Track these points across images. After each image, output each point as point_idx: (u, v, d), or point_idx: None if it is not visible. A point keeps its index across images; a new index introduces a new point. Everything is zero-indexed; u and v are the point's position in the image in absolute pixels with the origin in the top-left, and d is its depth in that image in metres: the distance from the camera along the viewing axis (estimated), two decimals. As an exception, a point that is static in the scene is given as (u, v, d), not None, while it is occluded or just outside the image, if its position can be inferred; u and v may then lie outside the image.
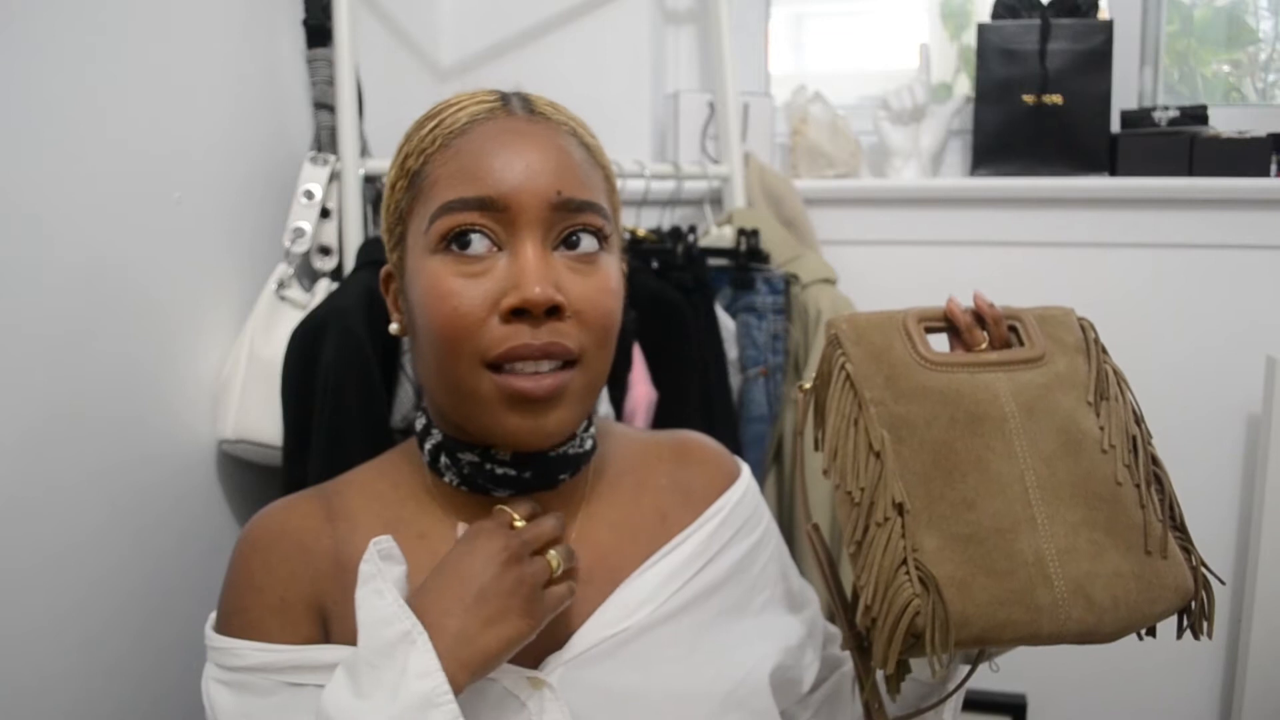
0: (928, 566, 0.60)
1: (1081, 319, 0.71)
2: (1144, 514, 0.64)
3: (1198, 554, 0.65)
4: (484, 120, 0.67)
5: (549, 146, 0.67)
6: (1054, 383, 0.67)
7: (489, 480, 0.70)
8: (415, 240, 0.67)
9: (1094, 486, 0.64)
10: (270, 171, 1.20)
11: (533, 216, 0.64)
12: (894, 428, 0.64)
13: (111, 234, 0.96)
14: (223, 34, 1.13)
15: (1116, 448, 0.65)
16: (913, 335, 0.67)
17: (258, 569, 0.69)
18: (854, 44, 1.90)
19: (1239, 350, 1.46)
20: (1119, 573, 0.61)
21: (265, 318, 1.13)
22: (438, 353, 0.65)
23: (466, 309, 0.63)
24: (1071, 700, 1.58)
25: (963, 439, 0.64)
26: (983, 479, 0.62)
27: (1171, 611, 0.64)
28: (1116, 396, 0.68)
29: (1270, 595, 1.38)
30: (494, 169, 0.64)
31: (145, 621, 1.00)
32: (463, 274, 0.64)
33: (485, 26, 1.64)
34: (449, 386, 0.66)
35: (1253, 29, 1.68)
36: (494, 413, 0.65)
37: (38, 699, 0.87)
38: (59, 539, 0.90)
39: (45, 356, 0.88)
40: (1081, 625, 0.60)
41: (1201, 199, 1.45)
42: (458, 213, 0.63)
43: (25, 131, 0.85)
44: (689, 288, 1.32)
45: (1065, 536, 0.62)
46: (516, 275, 0.63)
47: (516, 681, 0.65)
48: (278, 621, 0.67)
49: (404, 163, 0.68)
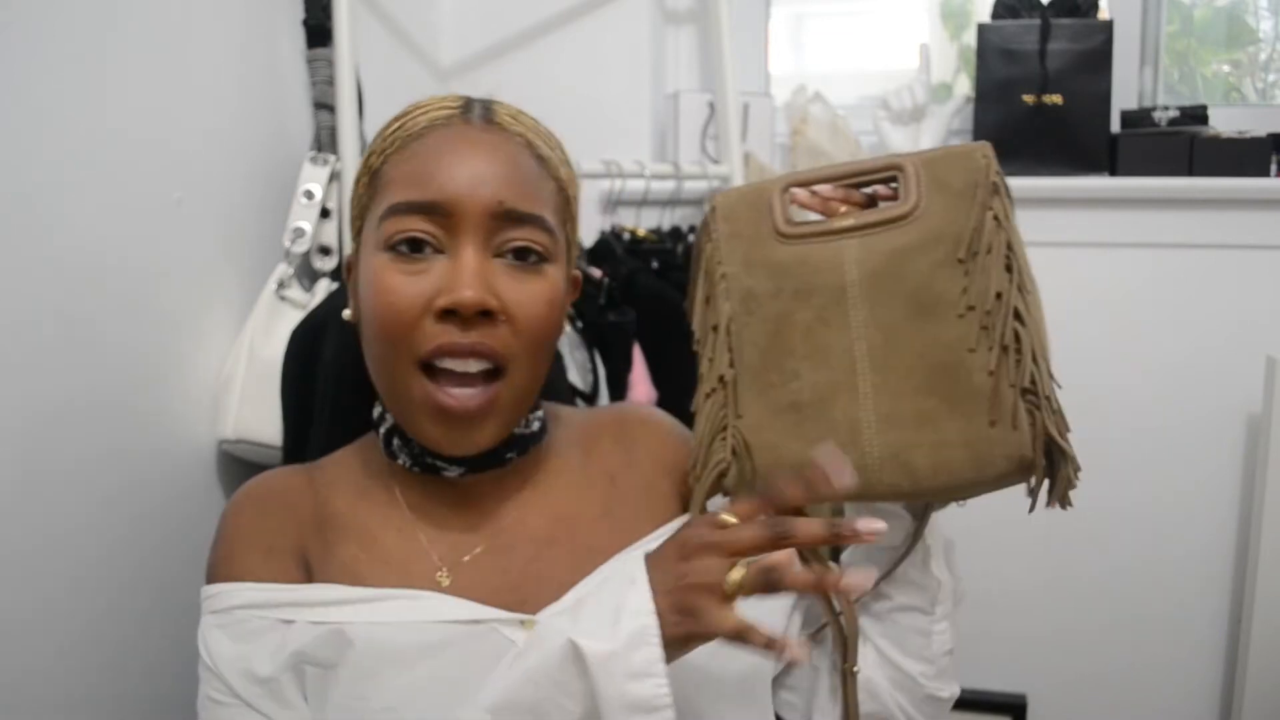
0: (744, 434, 0.67)
1: (987, 153, 0.66)
2: (993, 380, 0.62)
3: (1045, 420, 0.62)
4: (441, 126, 0.70)
5: (498, 156, 0.69)
6: (914, 243, 0.65)
7: (440, 459, 0.73)
8: (368, 236, 0.71)
9: (938, 354, 0.64)
10: (270, 171, 1.20)
11: (474, 223, 0.67)
12: (744, 301, 0.68)
13: (112, 234, 0.96)
14: (223, 34, 1.13)
15: (975, 309, 0.63)
16: (774, 208, 0.69)
17: (247, 522, 0.74)
18: (854, 44, 1.90)
19: (1239, 350, 1.46)
20: (945, 441, 0.63)
21: (265, 318, 1.13)
22: (378, 346, 0.69)
23: (403, 306, 0.66)
24: (1071, 700, 1.58)
25: (799, 311, 0.67)
26: (811, 350, 0.66)
27: (1008, 479, 0.64)
28: (991, 248, 0.64)
29: (1270, 595, 1.38)
30: (440, 175, 0.67)
31: (144, 621, 1.00)
32: (403, 272, 0.67)
33: (485, 26, 1.64)
34: (386, 381, 0.70)
35: (1253, 29, 1.68)
36: (420, 420, 0.69)
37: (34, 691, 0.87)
38: (58, 538, 0.90)
39: (45, 356, 0.88)
40: (895, 489, 0.64)
41: (1201, 199, 1.45)
42: (403, 215, 0.67)
43: (25, 131, 0.85)
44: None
45: (890, 404, 0.64)
46: (452, 277, 0.66)
47: (508, 624, 0.68)
48: (267, 566, 0.71)
49: (368, 160, 0.72)
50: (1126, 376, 1.51)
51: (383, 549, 0.72)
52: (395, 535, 0.73)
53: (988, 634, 1.56)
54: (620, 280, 1.27)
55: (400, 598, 0.68)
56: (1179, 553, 1.52)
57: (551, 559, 0.74)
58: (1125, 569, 1.54)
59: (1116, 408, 1.51)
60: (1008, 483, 0.64)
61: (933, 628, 0.73)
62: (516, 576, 0.72)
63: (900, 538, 0.72)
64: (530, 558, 0.74)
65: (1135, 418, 1.51)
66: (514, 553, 0.74)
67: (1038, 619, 1.57)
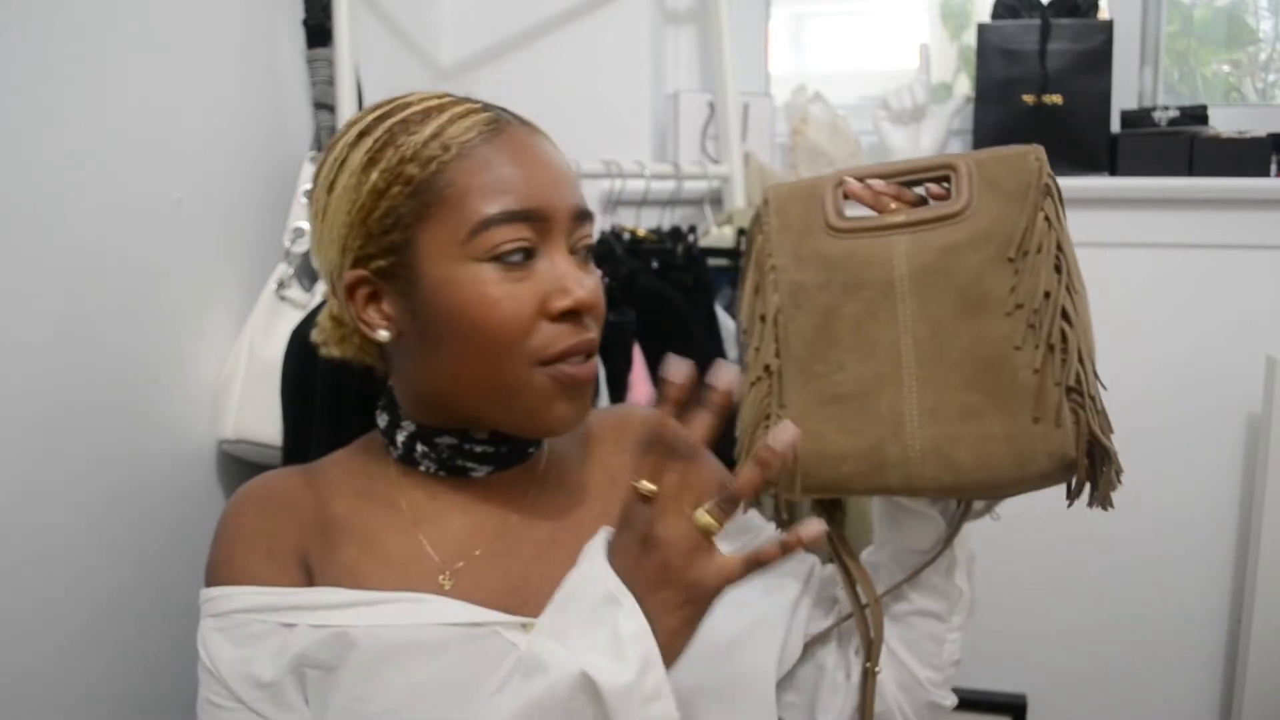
0: None
1: (1040, 156, 0.66)
2: (1038, 379, 0.63)
3: (1089, 419, 0.62)
4: (493, 129, 0.69)
5: (557, 158, 0.71)
6: (965, 241, 0.65)
7: (469, 459, 0.74)
8: (440, 248, 0.67)
9: (985, 350, 0.64)
10: (270, 171, 1.20)
11: (561, 226, 0.69)
12: (793, 294, 0.69)
13: (112, 234, 0.96)
14: (223, 34, 1.13)
15: (1023, 308, 0.64)
16: (826, 202, 0.70)
17: (246, 523, 0.73)
18: (854, 44, 1.90)
19: (1239, 350, 1.46)
20: (989, 435, 0.64)
21: (265, 318, 1.13)
22: (481, 354, 0.67)
23: (519, 313, 0.67)
24: (1071, 700, 1.58)
25: (848, 304, 0.67)
26: (858, 342, 0.67)
27: (1050, 477, 0.64)
28: (1041, 248, 0.64)
29: (1270, 595, 1.38)
30: (530, 181, 0.68)
31: (144, 620, 1.00)
32: (510, 280, 0.67)
33: (485, 26, 1.64)
34: (493, 385, 0.69)
35: (1253, 29, 1.68)
36: (546, 403, 0.69)
37: (36, 691, 0.87)
38: (59, 537, 0.90)
39: (46, 356, 0.88)
40: (937, 482, 0.65)
41: (1201, 199, 1.45)
42: (505, 224, 0.66)
43: (25, 132, 0.86)
44: (689, 288, 1.32)
45: (935, 398, 0.65)
46: (559, 280, 0.68)
47: (510, 627, 0.68)
48: (267, 568, 0.70)
49: (398, 169, 0.67)
50: (1126, 376, 1.51)
51: (384, 551, 0.72)
52: (397, 537, 0.73)
53: (988, 634, 1.56)
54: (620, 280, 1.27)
55: (402, 600, 0.68)
56: (1179, 553, 1.52)
57: (553, 561, 0.73)
58: (1125, 569, 1.54)
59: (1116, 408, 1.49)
60: (1049, 482, 0.65)
61: (946, 636, 0.74)
62: (518, 578, 0.72)
63: (930, 542, 0.73)
64: (532, 559, 0.74)
65: (1135, 418, 1.50)
66: (516, 555, 0.74)
67: (1038, 619, 1.57)
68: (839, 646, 0.79)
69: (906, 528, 0.74)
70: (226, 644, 0.68)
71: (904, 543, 0.75)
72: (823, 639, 0.79)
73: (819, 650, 0.79)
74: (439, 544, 0.73)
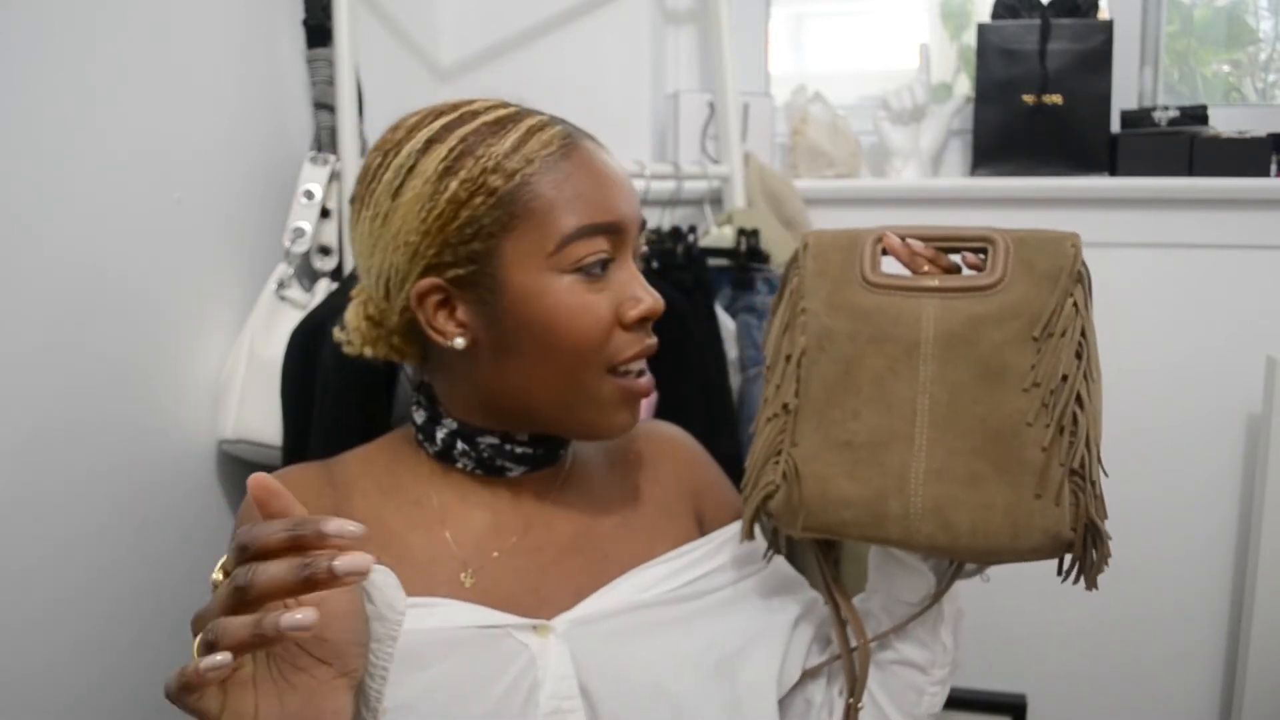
0: (797, 461, 0.70)
1: (1076, 244, 0.68)
2: (1045, 456, 0.64)
3: (1087, 505, 0.64)
4: (570, 143, 0.71)
5: (624, 171, 0.75)
6: (993, 314, 0.67)
7: (508, 459, 0.76)
8: (525, 259, 0.69)
9: (997, 421, 0.66)
10: (270, 171, 1.20)
11: (632, 236, 0.73)
12: (820, 338, 0.71)
13: (112, 234, 0.96)
14: (223, 34, 1.13)
15: (1040, 387, 0.65)
16: (865, 255, 0.72)
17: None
18: (854, 44, 1.90)
19: (1239, 350, 1.46)
20: (989, 504, 0.65)
21: (265, 318, 1.13)
22: (560, 361, 0.70)
23: (599, 322, 0.70)
24: (1071, 700, 1.58)
25: (872, 356, 0.69)
26: (876, 394, 0.69)
27: (1040, 552, 0.66)
28: (1065, 332, 0.66)
29: (1270, 595, 1.38)
30: (609, 195, 0.71)
31: (144, 619, 1.00)
32: (593, 290, 0.70)
33: (485, 26, 1.64)
34: (563, 390, 0.72)
35: (1253, 29, 1.68)
36: (611, 411, 0.73)
37: (37, 693, 0.87)
38: (59, 537, 0.90)
39: (45, 356, 0.88)
40: (931, 540, 0.66)
41: (1201, 199, 1.45)
42: (590, 237, 0.70)
43: (25, 132, 0.86)
44: (689, 288, 1.32)
45: (943, 459, 0.66)
46: (631, 288, 0.72)
47: (523, 629, 0.69)
48: None
49: (481, 179, 0.68)
50: (1126, 376, 1.51)
51: (406, 549, 0.72)
52: (422, 536, 0.73)
53: (988, 634, 1.56)
54: (620, 280, 1.27)
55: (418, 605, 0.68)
56: (1179, 552, 1.52)
57: (571, 564, 0.75)
58: (1125, 569, 1.53)
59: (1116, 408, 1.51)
60: (1039, 556, 0.66)
61: (927, 688, 0.75)
62: (537, 579, 0.73)
63: (919, 595, 0.74)
64: (551, 560, 0.75)
65: (1135, 418, 1.51)
66: (537, 555, 0.75)
67: (1038, 619, 1.57)
68: (827, 685, 0.80)
69: (898, 579, 0.75)
70: None
71: (894, 593, 0.76)
72: (814, 674, 0.80)
73: (809, 684, 0.80)
74: (463, 541, 0.73)
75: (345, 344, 0.79)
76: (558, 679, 0.68)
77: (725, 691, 0.72)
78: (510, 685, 0.67)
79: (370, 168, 0.72)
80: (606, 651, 0.70)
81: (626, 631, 0.72)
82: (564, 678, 0.68)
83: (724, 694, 0.71)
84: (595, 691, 0.68)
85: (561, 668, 0.68)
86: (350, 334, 0.79)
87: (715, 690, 0.71)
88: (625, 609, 0.72)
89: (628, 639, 0.71)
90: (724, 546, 0.81)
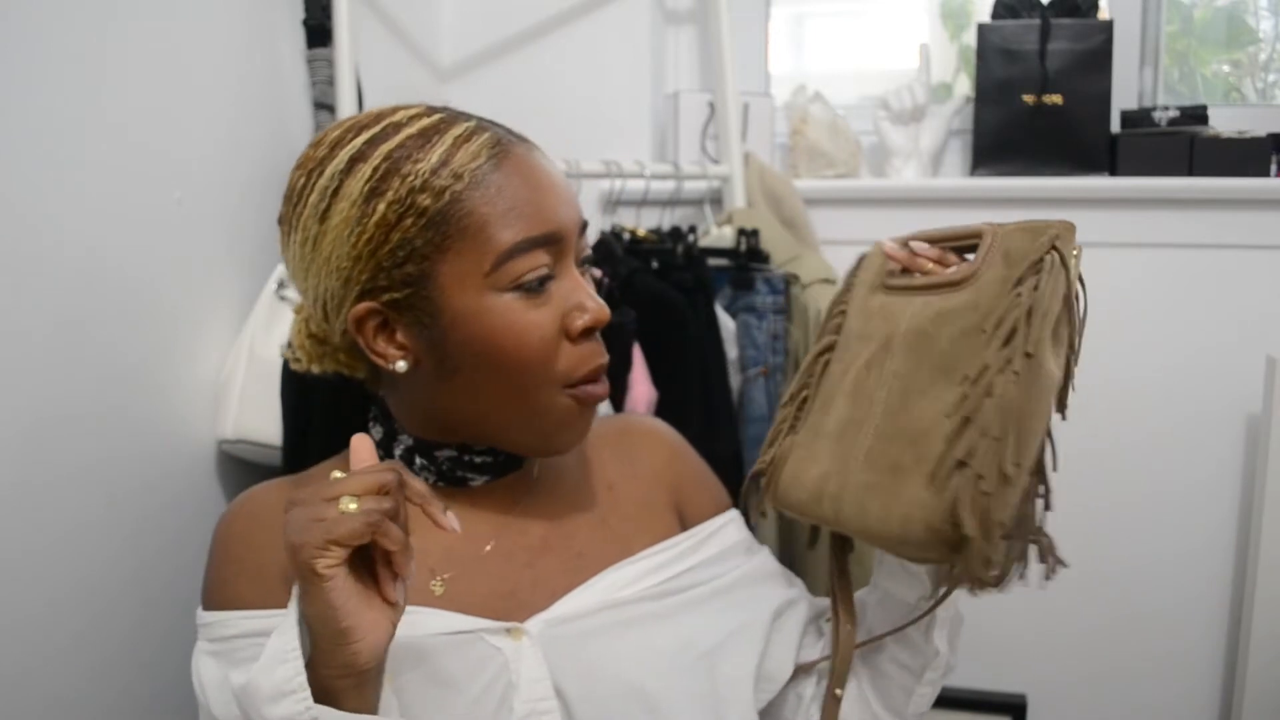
0: (786, 449, 0.75)
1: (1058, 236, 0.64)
2: (945, 447, 0.63)
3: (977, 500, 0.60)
4: (500, 152, 0.68)
5: (558, 171, 0.72)
6: (956, 308, 0.67)
7: (469, 469, 0.75)
8: (462, 280, 0.66)
9: (932, 413, 0.65)
10: (270, 171, 1.20)
11: (572, 241, 0.70)
12: (844, 337, 0.76)
13: (112, 234, 0.96)
14: (223, 34, 1.13)
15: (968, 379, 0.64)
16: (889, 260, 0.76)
17: (235, 544, 0.72)
18: (854, 44, 1.90)
19: (1239, 350, 1.46)
20: (898, 493, 0.65)
21: (265, 318, 1.13)
22: (508, 381, 0.68)
23: (545, 337, 0.68)
24: (1071, 700, 1.58)
25: (862, 353, 0.73)
26: (853, 388, 0.72)
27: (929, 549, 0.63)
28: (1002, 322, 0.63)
29: (1270, 595, 1.38)
30: (544, 204, 0.68)
31: (144, 619, 1.00)
32: (534, 307, 0.68)
33: (485, 26, 1.64)
34: (515, 408, 0.70)
35: (1253, 29, 1.68)
36: (567, 423, 0.71)
37: (33, 691, 0.87)
38: (58, 537, 0.90)
39: (45, 356, 0.88)
40: (849, 523, 0.68)
41: (1201, 199, 1.45)
42: (527, 252, 0.67)
43: (26, 132, 0.86)
44: (689, 288, 1.32)
45: (880, 448, 0.67)
46: (574, 298, 0.69)
47: (495, 633, 0.69)
48: (256, 589, 0.70)
49: (409, 199, 0.65)
50: (1126, 376, 1.51)
51: None
52: None
53: (988, 634, 1.56)
54: (620, 280, 1.27)
55: None
56: (1179, 552, 1.52)
57: (545, 566, 0.74)
58: (1125, 569, 1.54)
59: (1116, 407, 1.51)
60: (930, 554, 0.64)
61: (915, 690, 0.75)
62: (511, 583, 0.73)
63: (913, 596, 0.73)
64: (524, 564, 0.74)
65: (1135, 418, 1.51)
66: (509, 559, 0.74)
67: (1038, 619, 1.57)
68: (818, 681, 0.80)
69: (894, 576, 0.75)
70: (214, 664, 0.68)
71: (889, 589, 0.76)
72: (808, 670, 0.79)
73: (802, 680, 0.80)
74: (431, 551, 0.72)
75: (293, 361, 0.78)
76: (531, 682, 0.67)
77: (703, 687, 0.71)
78: (483, 690, 0.66)
79: (295, 188, 0.70)
80: (581, 652, 0.69)
81: (601, 630, 0.71)
82: (538, 680, 0.67)
83: (702, 689, 0.71)
84: (570, 693, 0.68)
85: (535, 670, 0.67)
86: (296, 351, 0.78)
87: (693, 686, 0.70)
88: (601, 608, 0.72)
89: (603, 638, 0.71)
90: (706, 542, 0.80)
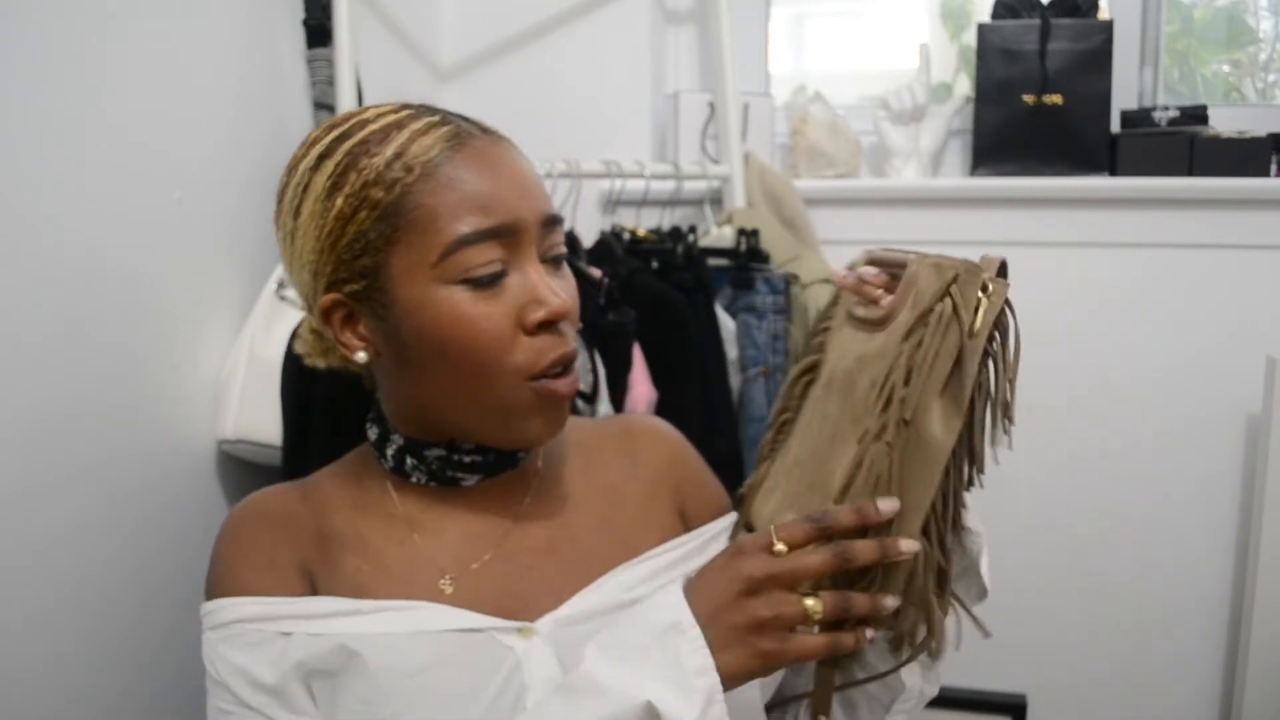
0: (761, 474, 0.76)
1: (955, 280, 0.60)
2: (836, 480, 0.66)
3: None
4: (455, 144, 0.68)
5: (521, 165, 0.71)
6: (871, 354, 0.66)
7: (459, 469, 0.75)
8: (411, 272, 0.67)
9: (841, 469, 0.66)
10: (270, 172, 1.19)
11: (531, 236, 0.69)
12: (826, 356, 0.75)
13: (112, 234, 0.96)
14: (223, 34, 1.13)
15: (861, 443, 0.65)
16: None
17: (244, 539, 0.73)
18: (854, 44, 1.90)
19: (1239, 350, 1.46)
20: None
21: (265, 318, 1.13)
22: (463, 374, 0.68)
23: (497, 331, 0.67)
24: (1071, 700, 1.58)
25: (817, 385, 0.74)
26: (806, 422, 0.73)
27: None
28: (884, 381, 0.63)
29: (1270, 595, 1.38)
30: (497, 196, 0.67)
31: (144, 619, 1.00)
32: (485, 300, 0.67)
33: (485, 26, 1.64)
34: (474, 401, 0.69)
35: (1253, 29, 1.68)
36: (528, 418, 0.70)
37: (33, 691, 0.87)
38: (59, 537, 0.90)
39: (46, 356, 0.88)
40: None
41: (1201, 199, 1.45)
42: (476, 245, 0.66)
43: (26, 132, 0.86)
44: (689, 288, 1.32)
45: (805, 498, 0.69)
46: (532, 291, 0.68)
47: (506, 632, 0.69)
48: (268, 579, 0.70)
49: (363, 193, 0.66)
50: (1127, 376, 1.51)
51: (385, 561, 0.72)
52: (396, 548, 0.73)
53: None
54: (620, 280, 1.27)
55: (399, 609, 0.69)
56: (1179, 552, 1.52)
57: (551, 567, 0.74)
58: (1125, 569, 1.54)
59: (1116, 408, 1.51)
60: None
61: (895, 708, 0.74)
62: (517, 584, 0.73)
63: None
64: (528, 565, 0.74)
65: (1135, 418, 1.51)
66: (515, 560, 0.74)
67: (1038, 619, 1.57)
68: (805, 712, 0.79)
69: None
70: (228, 650, 0.68)
71: None
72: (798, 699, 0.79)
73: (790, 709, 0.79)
74: (437, 553, 0.73)
75: (305, 356, 0.80)
76: (544, 681, 0.67)
77: None
78: (499, 690, 0.66)
79: (280, 187, 0.73)
80: None
81: None
82: (550, 680, 0.67)
83: None
84: None
85: (547, 670, 0.68)
86: (304, 345, 0.80)
87: None
88: (610, 608, 0.72)
89: None
90: (710, 543, 0.80)
